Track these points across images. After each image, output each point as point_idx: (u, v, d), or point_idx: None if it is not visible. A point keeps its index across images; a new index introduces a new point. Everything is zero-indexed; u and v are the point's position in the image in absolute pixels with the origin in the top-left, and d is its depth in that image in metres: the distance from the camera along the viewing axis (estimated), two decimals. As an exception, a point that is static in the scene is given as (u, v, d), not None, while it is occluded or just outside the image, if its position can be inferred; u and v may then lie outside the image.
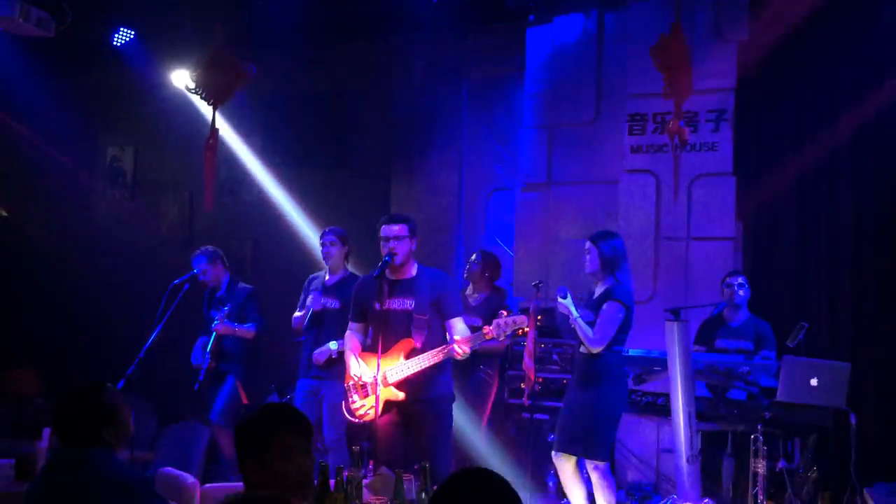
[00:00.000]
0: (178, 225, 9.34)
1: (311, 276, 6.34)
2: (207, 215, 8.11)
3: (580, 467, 5.27)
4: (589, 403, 5.13)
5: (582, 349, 5.23)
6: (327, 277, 6.18)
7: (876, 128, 6.58)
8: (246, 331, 6.46)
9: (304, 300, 6.22)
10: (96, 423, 3.16)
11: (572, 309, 5.15)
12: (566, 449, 5.21)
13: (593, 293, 5.34)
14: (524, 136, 7.77)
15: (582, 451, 5.17)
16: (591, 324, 5.15)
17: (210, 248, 6.72)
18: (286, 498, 2.46)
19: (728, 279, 6.22)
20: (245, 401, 6.48)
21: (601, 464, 5.12)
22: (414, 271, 5.00)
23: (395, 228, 4.93)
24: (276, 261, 8.74)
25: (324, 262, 6.20)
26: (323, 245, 6.15)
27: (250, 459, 2.74)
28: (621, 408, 5.32)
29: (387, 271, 4.92)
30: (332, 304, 6.02)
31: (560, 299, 5.19)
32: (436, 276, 5.05)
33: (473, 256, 6.73)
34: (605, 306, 5.12)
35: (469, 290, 6.62)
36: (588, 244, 5.27)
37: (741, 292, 6.14)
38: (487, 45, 8.27)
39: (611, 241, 5.23)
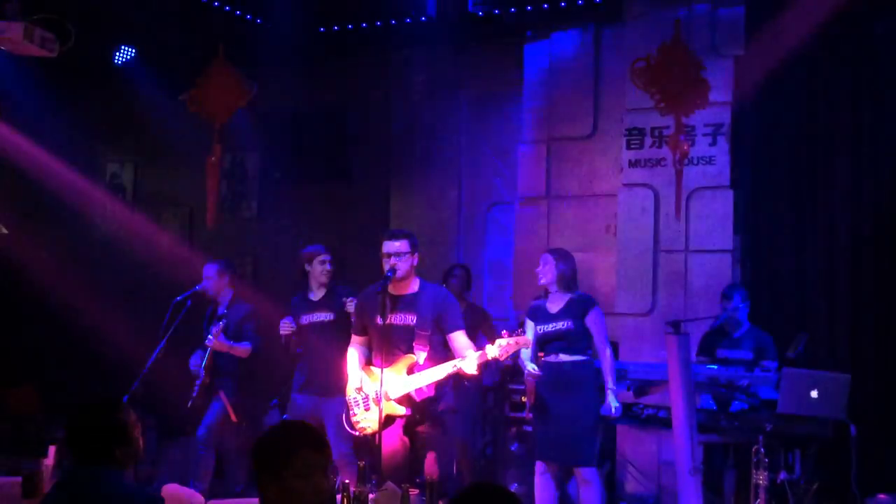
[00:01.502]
0: (178, 241, 9.36)
1: (294, 297, 6.32)
2: (207, 232, 8.14)
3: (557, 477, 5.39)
4: (576, 410, 5.29)
5: (563, 357, 5.44)
6: (315, 293, 6.17)
7: (872, 140, 6.63)
8: (242, 349, 6.42)
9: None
10: (110, 441, 3.16)
11: (613, 400, 5.40)
12: (557, 458, 5.27)
13: (542, 306, 5.60)
14: (522, 151, 7.81)
15: (577, 460, 5.28)
16: (566, 333, 5.46)
17: (225, 261, 6.74)
18: None
19: (727, 297, 6.21)
20: (234, 419, 6.43)
21: (592, 469, 5.27)
22: (416, 287, 5.03)
23: (397, 244, 4.96)
24: (276, 277, 8.76)
25: (320, 279, 6.17)
26: (325, 263, 6.17)
27: (267, 475, 2.73)
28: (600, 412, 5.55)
29: (388, 286, 4.96)
30: (328, 316, 6.05)
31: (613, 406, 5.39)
32: (437, 292, 5.09)
33: (448, 272, 6.84)
34: (593, 315, 5.48)
35: None
36: (546, 256, 5.64)
37: (741, 308, 6.15)
38: (485, 60, 8.32)
39: (568, 257, 5.64)
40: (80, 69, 8.32)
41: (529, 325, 5.66)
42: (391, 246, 4.96)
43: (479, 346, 4.92)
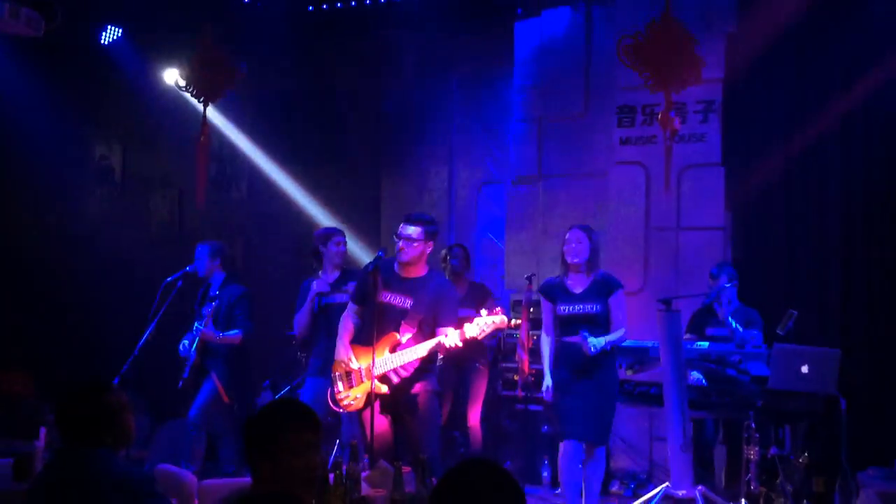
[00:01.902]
0: (167, 223, 9.33)
1: (306, 281, 6.29)
2: (197, 213, 8.11)
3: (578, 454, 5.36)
4: (601, 389, 5.28)
5: (572, 338, 5.29)
6: (329, 275, 6.15)
7: (864, 118, 6.62)
8: (231, 338, 6.32)
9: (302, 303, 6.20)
10: (100, 423, 3.15)
11: (602, 341, 5.21)
12: (589, 437, 5.29)
13: (563, 285, 5.39)
14: (514, 130, 7.79)
15: (602, 438, 5.34)
16: (595, 317, 5.27)
17: (218, 243, 6.69)
18: (296, 495, 2.47)
19: (714, 277, 6.22)
20: (226, 400, 6.40)
21: (604, 448, 5.35)
22: (423, 273, 5.03)
23: (410, 230, 4.97)
24: (267, 258, 8.75)
25: (335, 260, 6.15)
26: (339, 244, 6.15)
27: (259, 454, 2.74)
28: (617, 390, 5.53)
29: (395, 266, 5.00)
30: (343, 298, 6.00)
31: (593, 343, 5.19)
32: (442, 283, 5.10)
33: (447, 252, 6.81)
34: (618, 295, 5.33)
35: None
36: (579, 233, 5.36)
37: (728, 288, 6.15)
38: (476, 39, 8.28)
39: (596, 234, 5.45)
40: (67, 49, 8.25)
41: (546, 304, 5.50)
42: (405, 230, 4.97)
43: None
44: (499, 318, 4.83)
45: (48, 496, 3.12)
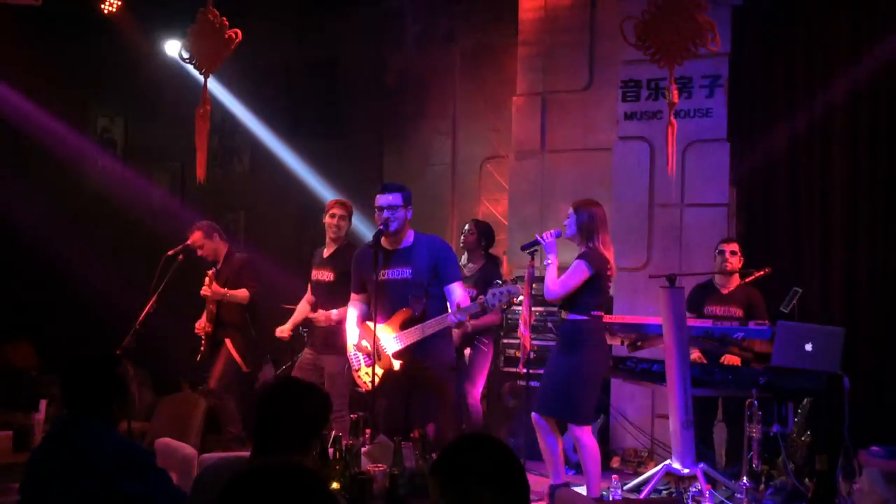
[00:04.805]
0: (169, 195, 9.30)
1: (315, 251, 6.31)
2: (199, 186, 8.07)
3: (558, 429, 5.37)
4: (571, 368, 5.19)
5: (562, 314, 5.32)
6: (326, 249, 6.15)
7: (869, 92, 6.56)
8: (239, 295, 6.39)
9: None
10: (107, 394, 3.18)
11: (551, 255, 5.24)
12: (549, 412, 5.28)
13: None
14: (517, 104, 7.73)
15: (567, 416, 5.27)
16: None
17: (205, 222, 6.68)
18: (307, 465, 2.46)
19: (720, 246, 6.24)
20: (245, 369, 6.47)
21: (584, 427, 5.20)
22: (410, 240, 4.98)
23: (390, 198, 4.89)
24: (269, 231, 8.72)
25: (329, 233, 6.13)
26: (334, 217, 6.09)
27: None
28: (602, 372, 5.43)
29: (383, 241, 4.91)
30: (327, 276, 6.02)
31: (547, 239, 5.26)
32: (432, 242, 5.01)
33: (467, 226, 6.70)
34: (573, 264, 5.23)
35: (464, 261, 6.61)
36: (569, 210, 5.36)
37: (732, 260, 6.15)
38: (479, 11, 8.21)
39: (590, 209, 5.29)
40: (67, 19, 8.17)
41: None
42: (384, 199, 4.89)
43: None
44: (513, 288, 4.74)
45: (47, 468, 3.12)
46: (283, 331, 6.27)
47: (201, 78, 5.87)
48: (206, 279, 6.30)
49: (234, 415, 6.45)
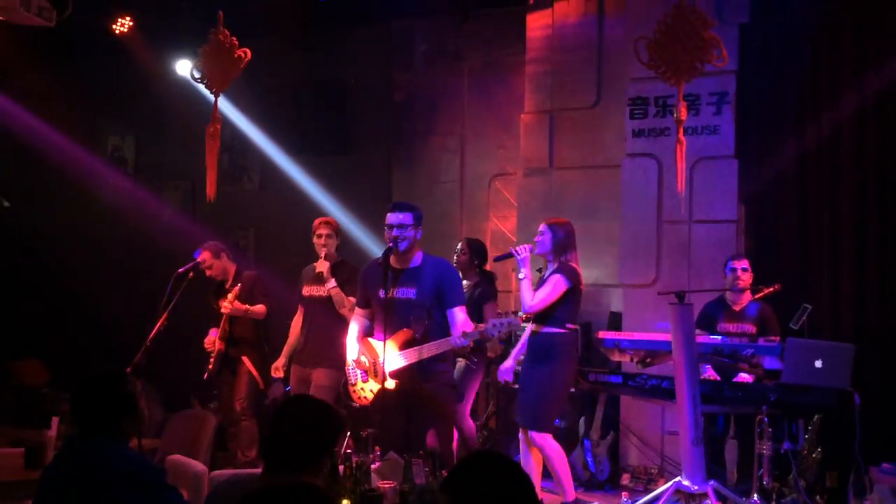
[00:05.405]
0: (180, 214, 9.34)
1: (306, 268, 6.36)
2: (209, 204, 8.11)
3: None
4: (539, 378, 5.34)
5: (533, 327, 5.43)
6: (318, 266, 6.20)
7: (877, 108, 6.56)
8: (257, 310, 6.44)
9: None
10: (117, 412, 3.20)
11: (524, 269, 5.39)
12: (520, 422, 5.45)
13: (543, 277, 5.54)
14: (525, 121, 7.76)
15: (528, 422, 5.38)
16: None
17: (213, 242, 6.72)
18: (318, 485, 2.47)
19: (730, 263, 6.23)
20: (262, 386, 6.52)
21: (545, 434, 5.32)
22: (419, 260, 4.98)
23: (400, 216, 4.90)
24: (279, 248, 8.75)
25: (318, 251, 6.20)
26: (321, 237, 6.18)
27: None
28: (571, 384, 5.56)
29: (391, 259, 4.93)
30: (319, 292, 6.14)
31: (522, 253, 5.41)
32: (439, 264, 5.02)
33: (459, 246, 6.69)
34: (549, 278, 5.39)
35: None
36: (543, 227, 5.51)
37: (744, 277, 6.15)
38: (488, 29, 8.26)
39: (565, 226, 5.51)
40: (79, 39, 8.25)
41: None
42: (394, 217, 4.91)
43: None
44: (513, 321, 4.72)
45: (59, 485, 3.13)
46: (278, 369, 6.36)
47: (211, 97, 5.92)
48: (229, 295, 6.33)
49: (254, 438, 6.46)
